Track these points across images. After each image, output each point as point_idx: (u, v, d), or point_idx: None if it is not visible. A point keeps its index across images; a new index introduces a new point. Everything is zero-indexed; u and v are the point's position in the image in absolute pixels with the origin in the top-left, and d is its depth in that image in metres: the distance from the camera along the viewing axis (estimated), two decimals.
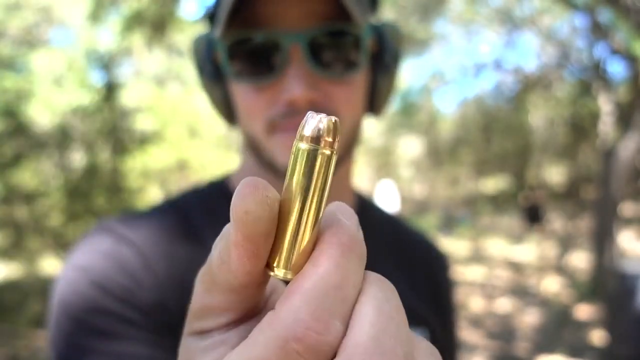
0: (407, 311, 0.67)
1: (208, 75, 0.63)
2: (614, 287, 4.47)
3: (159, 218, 0.63)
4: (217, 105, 0.64)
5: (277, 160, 0.59)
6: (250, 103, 0.58)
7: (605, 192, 6.77)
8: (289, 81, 0.56)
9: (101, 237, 0.60)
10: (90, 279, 0.56)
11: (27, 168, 7.54)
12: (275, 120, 0.58)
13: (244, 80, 0.58)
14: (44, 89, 8.39)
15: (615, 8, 5.98)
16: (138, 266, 0.57)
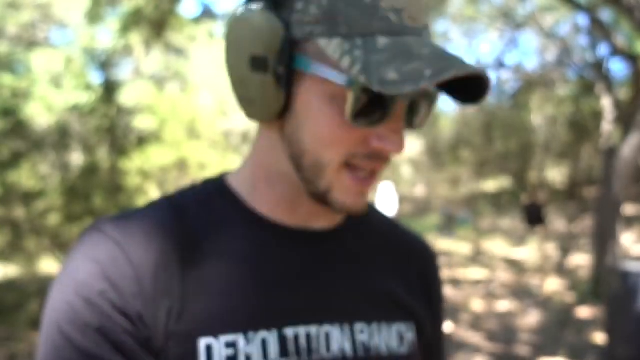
0: (398, 306, 0.67)
1: (269, 68, 0.56)
2: (615, 288, 4.44)
3: (154, 217, 0.62)
4: (259, 98, 0.58)
5: (334, 196, 0.59)
6: (339, 134, 0.56)
7: (607, 192, 6.74)
8: (388, 134, 0.57)
9: (93, 241, 0.58)
10: (79, 293, 0.56)
11: (25, 168, 7.51)
12: (355, 158, 0.58)
13: (342, 114, 0.56)
14: (42, 88, 8.36)
15: (617, 8, 5.94)
16: (128, 279, 0.56)
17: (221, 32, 9.05)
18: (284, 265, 0.63)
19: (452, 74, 0.49)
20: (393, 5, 0.54)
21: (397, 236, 0.78)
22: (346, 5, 0.53)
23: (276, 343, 0.59)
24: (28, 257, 7.17)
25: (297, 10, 0.55)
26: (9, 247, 7.02)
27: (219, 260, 0.61)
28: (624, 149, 6.59)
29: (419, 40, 0.54)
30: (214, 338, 0.56)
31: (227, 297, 0.59)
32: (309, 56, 0.55)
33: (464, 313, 6.18)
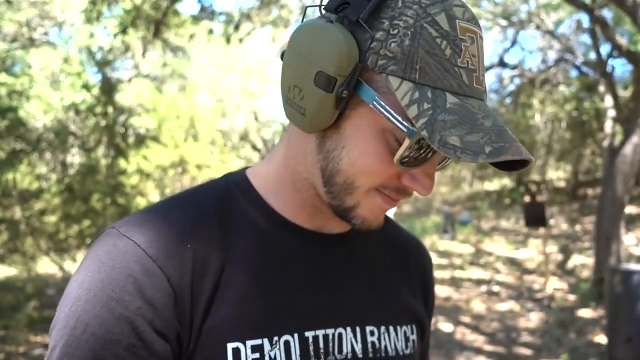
0: (404, 308, 0.73)
1: (333, 89, 0.55)
2: (617, 289, 4.39)
3: (179, 220, 0.62)
4: (313, 112, 0.57)
5: (358, 212, 0.61)
6: (378, 166, 0.58)
7: (609, 192, 6.69)
8: (421, 176, 0.59)
9: (122, 249, 0.57)
10: (113, 309, 0.55)
11: (23, 167, 7.47)
12: (385, 188, 0.60)
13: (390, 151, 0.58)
14: (41, 87, 8.33)
15: (620, 7, 5.89)
16: (164, 295, 0.56)
17: (220, 31, 9.02)
18: (306, 268, 0.65)
19: (507, 158, 0.51)
20: (468, 64, 0.54)
21: (399, 237, 0.80)
22: (426, 53, 0.53)
23: (298, 346, 0.61)
24: (25, 258, 7.13)
25: (377, 39, 0.54)
26: (7, 247, 6.97)
27: (244, 263, 0.62)
28: (626, 148, 6.54)
29: (482, 105, 0.55)
30: (241, 342, 0.58)
31: (252, 302, 0.60)
32: (374, 87, 0.55)
33: (465, 314, 6.14)
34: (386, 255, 0.75)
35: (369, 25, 0.55)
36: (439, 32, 0.53)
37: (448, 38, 0.53)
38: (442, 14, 0.54)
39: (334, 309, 0.65)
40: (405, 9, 0.54)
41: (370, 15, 0.55)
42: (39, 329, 5.69)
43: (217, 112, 17.52)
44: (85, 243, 7.67)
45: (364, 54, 0.55)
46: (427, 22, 0.53)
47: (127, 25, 7.37)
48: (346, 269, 0.69)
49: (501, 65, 13.89)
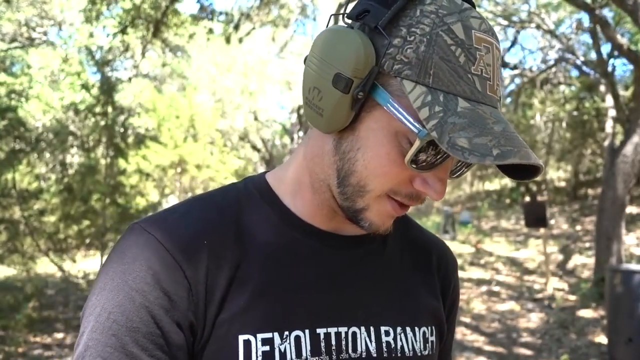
0: (423, 310, 0.74)
1: (350, 90, 0.58)
2: (618, 290, 4.38)
3: (199, 219, 0.65)
4: (330, 112, 0.60)
5: (367, 215, 0.63)
6: (390, 169, 0.59)
7: (610, 192, 6.67)
8: (433, 181, 0.60)
9: (143, 244, 0.61)
10: (133, 299, 0.59)
11: (22, 167, 7.46)
12: (397, 194, 0.61)
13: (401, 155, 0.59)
14: (40, 87, 8.32)
15: (621, 7, 5.88)
16: (181, 287, 0.60)
17: (220, 31, 9.00)
18: (320, 267, 0.67)
19: (514, 161, 0.52)
20: (482, 72, 0.56)
21: (422, 239, 0.81)
22: (440, 59, 0.55)
23: (309, 342, 0.62)
24: (25, 258, 7.11)
25: (394, 44, 0.57)
26: (6, 247, 6.95)
27: (261, 263, 0.64)
28: (627, 148, 6.53)
29: (494, 112, 0.57)
30: (252, 335, 0.60)
31: (265, 297, 0.62)
32: (388, 91, 0.57)
33: (465, 314, 6.12)
34: (407, 257, 0.76)
35: (387, 32, 0.57)
36: (454, 40, 0.55)
37: (463, 46, 0.55)
38: (458, 24, 0.56)
39: (347, 308, 0.66)
40: (423, 18, 0.56)
41: (388, 22, 0.57)
42: (38, 329, 5.68)
43: (217, 112, 17.50)
44: (85, 243, 7.66)
45: (380, 58, 0.57)
46: (443, 30, 0.56)
47: (126, 24, 7.36)
48: (362, 270, 0.70)
49: (501, 64, 13.89)
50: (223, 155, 15.58)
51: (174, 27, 7.89)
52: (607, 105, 9.91)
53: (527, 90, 14.60)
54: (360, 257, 0.70)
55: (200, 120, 14.66)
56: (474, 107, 0.55)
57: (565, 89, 14.92)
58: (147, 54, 10.40)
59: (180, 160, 13.20)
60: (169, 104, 13.65)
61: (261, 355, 0.60)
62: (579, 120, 14.14)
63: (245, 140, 20.86)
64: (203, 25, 8.06)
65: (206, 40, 8.63)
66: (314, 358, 0.62)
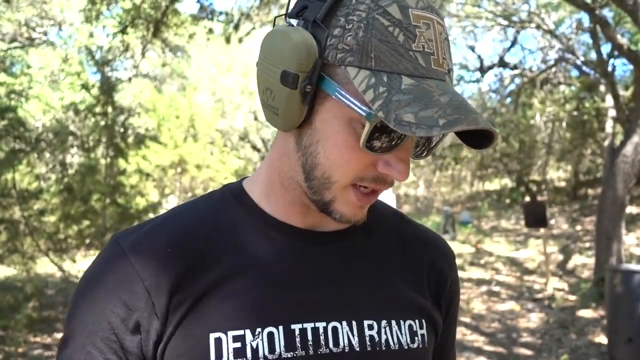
0: (409, 303, 0.73)
1: (297, 85, 0.60)
2: (618, 290, 4.38)
3: (171, 226, 0.68)
4: (283, 110, 0.62)
5: (335, 207, 0.64)
6: (350, 156, 0.61)
7: (610, 192, 6.67)
8: (395, 162, 0.61)
9: (110, 256, 0.66)
10: (94, 310, 0.64)
11: (22, 167, 7.45)
12: (363, 181, 0.63)
13: (357, 141, 0.60)
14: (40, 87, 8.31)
15: (621, 7, 5.87)
16: (140, 295, 0.63)
17: (220, 31, 9.00)
18: (296, 264, 0.68)
19: (462, 128, 0.53)
20: (424, 48, 0.57)
21: (413, 234, 0.80)
22: (380, 42, 0.57)
23: (282, 338, 0.63)
24: (25, 258, 7.10)
25: (334, 35, 0.59)
26: (6, 247, 6.95)
27: (234, 264, 0.66)
28: (627, 148, 6.52)
29: (440, 84, 0.57)
30: (223, 333, 0.62)
31: (238, 296, 0.64)
32: (335, 80, 0.59)
33: (465, 314, 6.12)
34: (392, 251, 0.76)
35: (327, 24, 0.59)
36: (390, 21, 0.57)
37: (401, 26, 0.56)
38: (393, 5, 0.57)
39: (326, 304, 0.66)
40: (359, 5, 0.58)
41: (327, 14, 0.59)
42: (38, 329, 5.68)
43: (217, 112, 17.49)
44: (85, 243, 7.66)
45: (323, 50, 0.59)
46: (378, 14, 0.57)
47: (126, 24, 7.36)
48: (342, 266, 0.70)
49: (501, 65, 13.89)
50: (223, 155, 15.58)
51: (174, 27, 7.89)
52: (607, 105, 9.90)
53: (527, 90, 14.59)
54: (340, 253, 0.71)
55: (200, 120, 14.65)
56: (419, 83, 0.56)
57: (565, 89, 14.91)
58: (147, 54, 10.40)
59: (180, 160, 13.20)
60: (169, 104, 13.65)
61: (232, 351, 0.61)
62: (579, 120, 14.13)
63: (245, 140, 20.85)
64: (203, 25, 8.06)
65: (206, 40, 8.63)
66: (288, 353, 0.62)
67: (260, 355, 0.61)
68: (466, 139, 0.62)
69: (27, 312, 5.94)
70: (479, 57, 14.24)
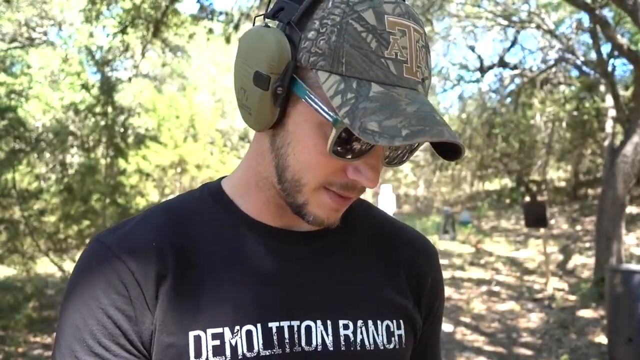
0: (387, 304, 0.73)
1: (269, 86, 0.60)
2: (618, 290, 4.38)
3: (150, 224, 0.68)
4: (256, 110, 0.62)
5: (309, 209, 0.64)
6: (319, 160, 0.60)
7: (610, 192, 6.67)
8: (364, 168, 0.61)
9: (95, 254, 0.65)
10: (89, 306, 0.62)
11: (22, 167, 7.45)
12: (332, 185, 0.62)
13: (325, 143, 0.60)
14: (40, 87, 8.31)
15: (621, 7, 5.87)
16: (131, 286, 0.63)
17: (220, 31, 9.00)
18: (271, 263, 0.68)
19: (425, 139, 0.52)
20: (396, 55, 0.56)
21: (393, 235, 0.80)
22: (351, 47, 0.56)
23: (261, 336, 0.63)
24: (25, 258, 7.11)
25: (308, 38, 0.58)
26: (6, 247, 6.95)
27: (210, 262, 0.66)
28: (627, 148, 6.52)
29: (411, 93, 0.57)
30: (202, 331, 0.62)
31: (215, 294, 0.64)
32: (307, 83, 0.59)
33: (465, 314, 6.12)
34: (370, 251, 0.75)
35: (302, 27, 0.59)
36: (364, 27, 0.56)
37: (374, 32, 0.56)
38: (369, 11, 0.57)
39: (300, 303, 0.67)
40: (334, 8, 0.57)
41: (302, 17, 0.59)
42: (38, 329, 5.68)
43: (217, 112, 17.49)
44: (85, 243, 7.65)
45: (297, 52, 0.59)
46: (352, 19, 0.56)
47: (126, 24, 7.36)
48: (317, 265, 0.70)
49: (501, 65, 13.89)
50: (223, 155, 15.58)
51: (174, 27, 7.89)
52: (607, 105, 9.90)
53: (527, 90, 14.59)
54: (315, 253, 0.71)
55: (200, 120, 14.65)
56: (388, 91, 0.56)
57: (565, 89, 14.91)
58: (147, 54, 10.40)
59: (180, 160, 13.20)
60: (169, 104, 13.65)
61: (211, 349, 0.61)
62: (579, 120, 14.13)
63: (245, 140, 20.85)
64: (203, 25, 8.06)
65: (206, 40, 8.63)
66: (266, 351, 0.63)
67: (239, 353, 0.62)
68: (438, 148, 0.62)
69: (27, 312, 5.94)
70: (479, 57, 14.24)
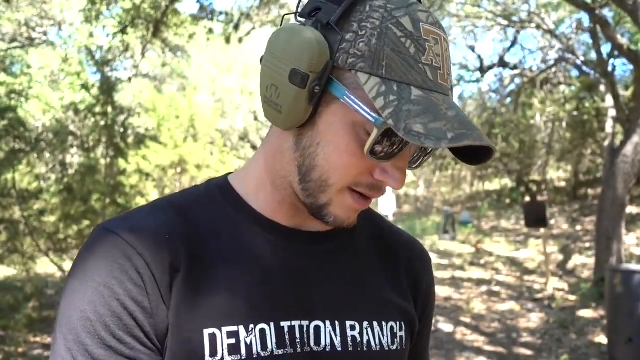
0: (390, 306, 0.74)
1: (306, 85, 0.59)
2: (618, 290, 4.38)
3: (159, 217, 0.66)
4: (288, 108, 0.61)
5: (330, 210, 0.64)
6: (350, 160, 0.61)
7: (610, 192, 6.67)
8: (392, 170, 0.62)
9: (107, 242, 0.62)
10: (103, 294, 0.59)
11: (22, 167, 7.45)
12: (358, 186, 0.63)
13: (361, 147, 0.61)
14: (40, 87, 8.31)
15: (621, 7, 5.87)
16: (147, 277, 0.61)
17: (220, 31, 9.00)
18: (282, 262, 0.68)
19: (469, 143, 0.54)
20: (432, 62, 0.58)
21: (393, 238, 0.81)
22: (392, 51, 0.57)
23: (274, 334, 0.63)
24: (25, 258, 7.11)
25: (346, 39, 0.59)
26: (6, 247, 6.95)
27: (222, 258, 0.65)
28: (627, 148, 6.52)
29: (446, 99, 0.59)
30: (217, 329, 0.61)
31: (228, 292, 0.63)
32: (345, 84, 0.59)
33: (465, 314, 6.12)
34: (374, 254, 0.77)
35: (339, 27, 0.59)
36: (403, 33, 0.58)
37: (412, 38, 0.58)
38: (406, 17, 0.59)
39: (310, 303, 0.67)
40: (373, 12, 0.59)
41: (340, 18, 0.59)
42: (38, 329, 5.68)
43: (217, 112, 17.49)
44: None
45: (334, 53, 0.59)
46: (392, 24, 0.58)
47: (126, 24, 7.36)
48: (326, 266, 0.71)
49: (501, 65, 13.89)
50: (223, 155, 15.57)
51: (174, 27, 7.89)
52: (607, 105, 9.90)
53: (527, 90, 14.59)
54: (325, 253, 0.71)
55: (200, 120, 14.65)
56: (427, 95, 0.57)
57: (565, 89, 14.91)
58: (147, 54, 10.40)
59: (180, 160, 13.19)
60: (169, 104, 13.65)
61: (227, 347, 0.61)
62: (579, 120, 14.13)
63: (245, 140, 20.85)
64: (203, 25, 8.06)
65: (206, 40, 8.63)
66: (279, 350, 0.63)
67: (254, 352, 0.61)
68: (458, 153, 0.63)
69: (27, 312, 5.94)
70: (479, 57, 14.24)
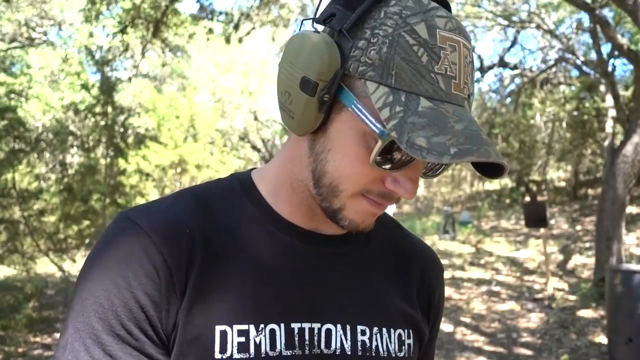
0: (399, 313, 0.74)
1: (316, 93, 0.60)
2: (618, 290, 4.38)
3: (181, 209, 0.67)
4: (299, 115, 0.62)
5: (345, 214, 0.64)
6: (360, 169, 0.61)
7: (610, 192, 6.67)
8: (403, 180, 0.61)
9: (126, 232, 0.63)
10: (118, 285, 0.60)
11: (23, 167, 7.45)
12: (369, 193, 0.63)
13: (368, 155, 0.60)
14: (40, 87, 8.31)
15: (621, 7, 5.87)
16: (162, 269, 0.61)
17: (220, 30, 9.00)
18: (298, 264, 0.68)
19: (472, 159, 0.53)
20: (446, 71, 0.57)
21: (403, 243, 0.81)
22: (402, 60, 0.56)
23: (283, 335, 0.64)
24: (24, 258, 7.10)
25: (358, 47, 0.58)
26: (6, 247, 6.95)
27: (238, 255, 0.66)
28: (627, 148, 6.52)
29: (458, 110, 0.57)
30: (229, 326, 0.61)
31: (242, 291, 0.64)
32: (354, 92, 0.59)
33: (465, 314, 6.12)
34: (386, 260, 0.77)
35: (353, 35, 0.59)
36: (416, 41, 0.56)
37: (426, 46, 0.56)
38: (421, 24, 0.57)
39: (323, 305, 0.67)
40: (386, 19, 0.58)
41: (353, 25, 0.59)
42: (38, 329, 5.67)
43: (217, 112, 17.48)
44: (85, 243, 7.65)
45: (346, 61, 0.59)
46: (405, 31, 0.57)
47: (126, 24, 7.36)
48: (340, 269, 0.71)
49: (501, 65, 13.88)
50: (223, 155, 15.57)
51: (174, 27, 7.89)
52: (607, 105, 9.90)
53: (527, 90, 14.59)
54: (339, 257, 0.72)
55: (200, 120, 14.64)
56: (437, 107, 0.56)
57: (565, 89, 14.91)
58: (147, 54, 10.40)
59: (180, 160, 13.19)
60: (169, 104, 13.64)
61: (236, 346, 0.61)
62: (579, 120, 14.13)
63: (245, 140, 20.85)
64: (203, 25, 8.06)
65: (206, 40, 8.63)
66: (287, 352, 0.63)
67: (262, 351, 0.62)
68: (477, 165, 0.62)
69: (27, 312, 5.94)
70: (479, 57, 14.23)
